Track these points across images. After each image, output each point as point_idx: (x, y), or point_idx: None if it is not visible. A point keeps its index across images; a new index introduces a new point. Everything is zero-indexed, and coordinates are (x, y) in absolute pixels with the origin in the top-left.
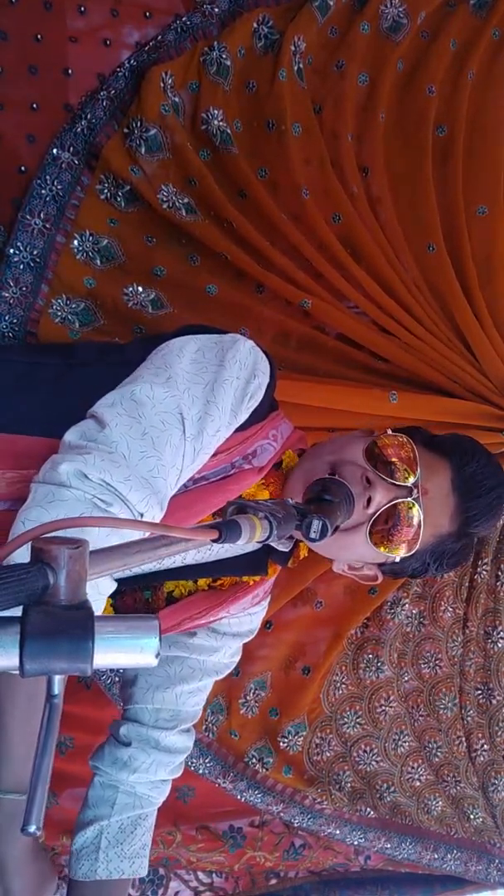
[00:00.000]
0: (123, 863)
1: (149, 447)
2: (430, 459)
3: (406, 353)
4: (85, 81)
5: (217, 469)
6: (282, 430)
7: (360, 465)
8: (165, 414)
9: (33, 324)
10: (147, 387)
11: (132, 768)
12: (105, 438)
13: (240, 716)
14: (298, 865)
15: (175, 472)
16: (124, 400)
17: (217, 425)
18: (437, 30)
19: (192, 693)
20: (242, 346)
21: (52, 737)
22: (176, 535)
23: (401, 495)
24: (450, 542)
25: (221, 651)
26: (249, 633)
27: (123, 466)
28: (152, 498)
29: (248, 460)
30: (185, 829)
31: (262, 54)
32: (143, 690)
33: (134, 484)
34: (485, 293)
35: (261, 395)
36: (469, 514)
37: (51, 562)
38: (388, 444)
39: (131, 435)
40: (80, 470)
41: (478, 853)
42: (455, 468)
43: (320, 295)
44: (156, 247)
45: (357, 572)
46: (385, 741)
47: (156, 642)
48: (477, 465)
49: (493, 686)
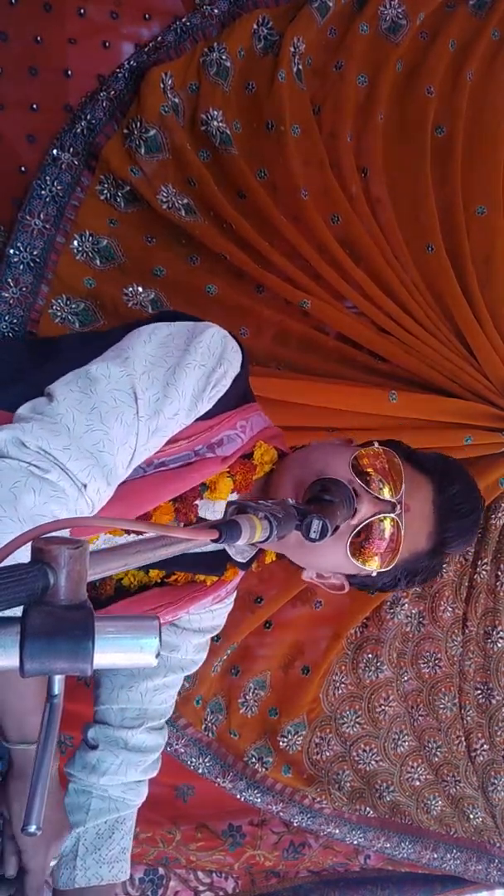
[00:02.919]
0: (102, 868)
1: (95, 421)
2: (414, 476)
3: (406, 354)
4: (85, 82)
5: (178, 456)
6: (252, 422)
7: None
8: (118, 392)
9: (33, 324)
10: (103, 366)
11: (101, 771)
12: (51, 411)
13: (239, 715)
14: (298, 865)
15: (127, 451)
16: (80, 378)
17: (175, 408)
18: (436, 30)
19: (157, 690)
20: (211, 334)
21: (52, 736)
22: (176, 536)
23: (385, 510)
24: (424, 560)
25: (183, 647)
26: (213, 629)
27: (64, 436)
28: (95, 469)
29: (211, 449)
30: (184, 829)
31: (261, 55)
32: (108, 691)
33: (74, 453)
34: (484, 293)
35: (227, 383)
36: (446, 534)
37: (51, 562)
38: (375, 457)
39: (79, 409)
40: (17, 437)
41: (477, 853)
42: (437, 488)
43: (319, 295)
44: (155, 247)
45: (325, 581)
46: (385, 741)
47: (156, 642)
48: (459, 486)
49: (492, 686)
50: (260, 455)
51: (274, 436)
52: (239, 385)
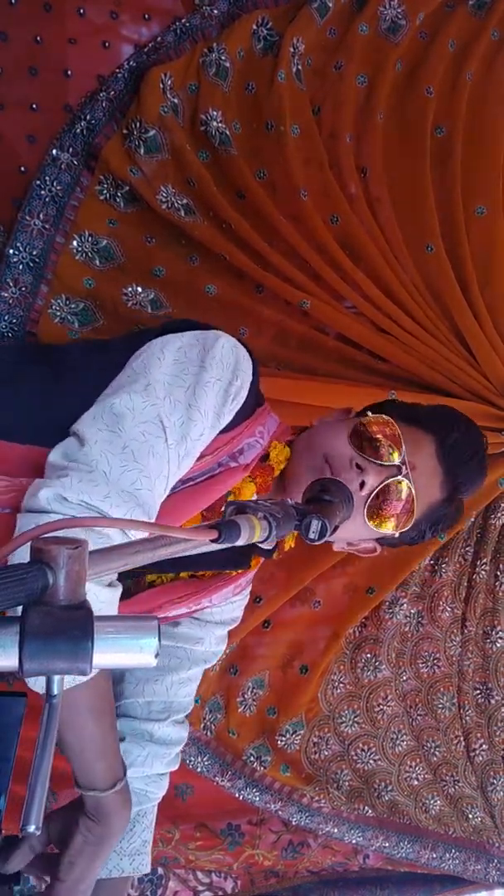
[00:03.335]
0: (123, 861)
1: (129, 460)
2: (413, 434)
3: (405, 354)
4: (84, 82)
5: (204, 470)
6: (268, 425)
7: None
8: (146, 424)
9: (33, 324)
10: (126, 398)
11: (127, 763)
12: (85, 457)
13: (238, 714)
14: (297, 864)
15: (162, 481)
16: (105, 414)
17: (200, 429)
18: (435, 30)
19: (182, 683)
20: (222, 345)
21: (52, 736)
22: (176, 536)
23: (391, 474)
24: (442, 508)
25: (207, 639)
26: (233, 620)
27: (102, 484)
28: (136, 510)
29: (234, 458)
30: (183, 828)
31: (261, 56)
32: (132, 685)
33: (114, 500)
34: (484, 294)
35: (244, 395)
36: (457, 480)
37: (50, 562)
38: (371, 426)
39: (111, 451)
40: (59, 494)
41: (476, 853)
42: (438, 440)
43: (319, 295)
44: (155, 247)
45: (356, 547)
46: (383, 740)
47: (155, 642)
48: (458, 433)
49: (491, 686)
50: (276, 455)
51: (284, 431)
52: (254, 392)
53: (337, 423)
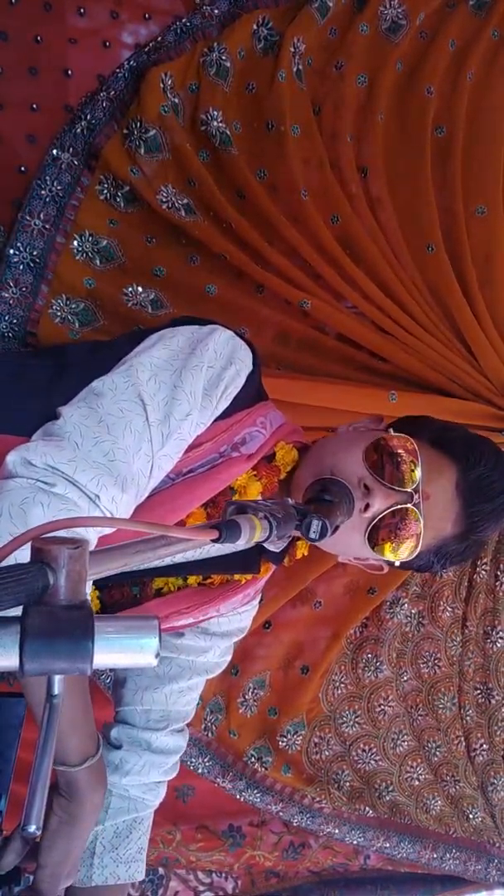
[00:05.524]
0: (119, 868)
1: (103, 433)
2: (436, 460)
3: (406, 354)
4: (85, 82)
5: (205, 460)
6: (271, 418)
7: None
8: (125, 402)
9: (33, 324)
10: (109, 379)
11: (124, 771)
12: (59, 430)
13: (239, 715)
14: (298, 865)
15: (143, 458)
16: (86, 394)
17: (185, 409)
18: (436, 30)
19: (181, 692)
20: (217, 336)
21: (52, 737)
22: (176, 536)
23: (400, 500)
24: (453, 543)
25: (211, 651)
26: (240, 631)
27: (69, 450)
28: (106, 478)
29: (235, 448)
30: (184, 829)
31: (261, 55)
32: (132, 692)
33: (80, 465)
34: (484, 293)
35: (240, 382)
36: (473, 518)
37: (50, 562)
38: (390, 446)
39: (86, 424)
40: (24, 458)
41: (477, 853)
42: (461, 471)
43: (319, 295)
44: (155, 247)
45: (363, 562)
46: (384, 740)
47: (155, 642)
48: (484, 467)
49: (492, 686)
50: (282, 456)
51: (292, 431)
52: (253, 383)
53: (356, 434)
